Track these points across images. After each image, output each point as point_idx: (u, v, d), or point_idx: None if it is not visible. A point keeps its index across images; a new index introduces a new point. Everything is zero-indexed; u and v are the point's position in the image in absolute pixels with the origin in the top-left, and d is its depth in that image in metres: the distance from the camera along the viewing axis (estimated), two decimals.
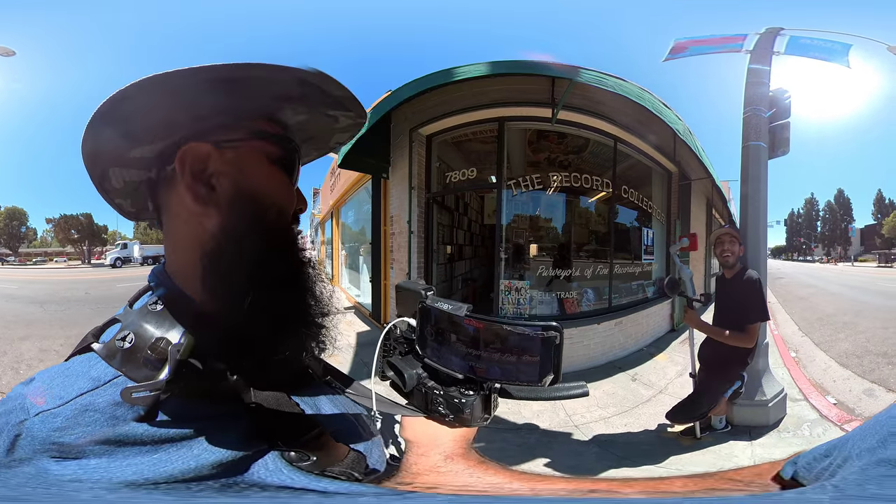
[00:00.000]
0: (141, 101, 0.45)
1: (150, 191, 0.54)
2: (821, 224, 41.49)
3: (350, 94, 0.53)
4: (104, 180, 0.54)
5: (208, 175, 0.50)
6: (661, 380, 4.10)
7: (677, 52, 4.12)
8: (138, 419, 0.42)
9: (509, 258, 4.77)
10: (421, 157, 5.19)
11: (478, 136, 5.11)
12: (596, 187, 5.13)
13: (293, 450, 0.47)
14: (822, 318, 7.63)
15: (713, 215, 8.81)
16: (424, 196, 5.25)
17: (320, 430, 0.52)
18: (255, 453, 0.45)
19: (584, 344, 4.42)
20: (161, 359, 0.44)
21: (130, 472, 0.40)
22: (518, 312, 4.45)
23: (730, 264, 2.71)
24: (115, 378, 0.44)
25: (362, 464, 0.54)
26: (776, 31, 3.94)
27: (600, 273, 5.10)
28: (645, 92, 4.16)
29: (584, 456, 2.80)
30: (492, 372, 0.52)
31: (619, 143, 5.07)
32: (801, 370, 4.55)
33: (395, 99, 4.52)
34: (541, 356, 0.49)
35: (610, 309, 4.92)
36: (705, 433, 2.94)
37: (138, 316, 0.48)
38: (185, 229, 0.51)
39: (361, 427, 0.62)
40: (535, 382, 0.50)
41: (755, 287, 2.56)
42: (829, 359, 4.99)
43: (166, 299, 0.49)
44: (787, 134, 3.42)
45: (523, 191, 4.81)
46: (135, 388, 0.42)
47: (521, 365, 0.50)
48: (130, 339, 0.46)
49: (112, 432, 0.41)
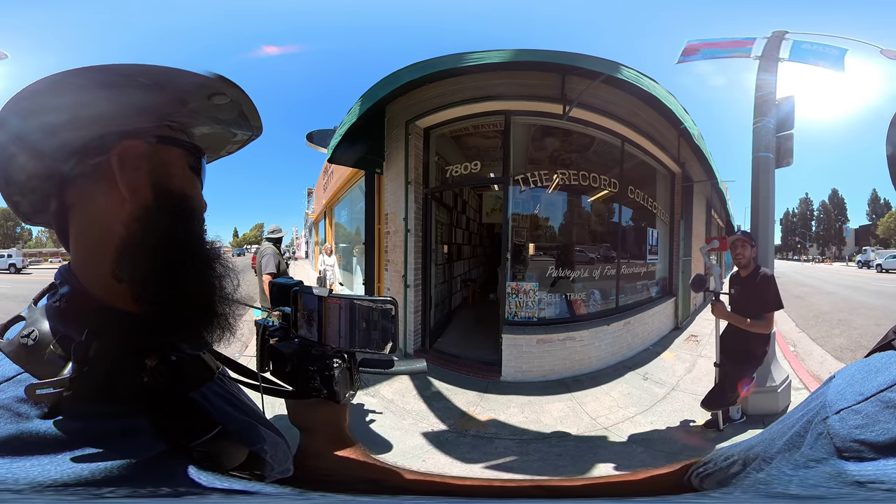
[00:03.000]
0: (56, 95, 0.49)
1: (60, 186, 0.54)
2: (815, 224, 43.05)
3: (260, 125, 0.64)
4: (7, 166, 0.55)
5: (143, 172, 0.54)
6: (672, 377, 4.35)
7: (689, 53, 4.37)
8: (42, 416, 0.43)
9: (521, 258, 4.88)
10: (418, 150, 5.22)
11: (479, 129, 5.17)
12: (602, 186, 5.30)
13: (196, 450, 0.49)
14: (818, 316, 8.09)
15: (712, 216, 9.17)
16: (422, 192, 5.28)
17: (221, 428, 0.54)
18: (161, 453, 0.47)
19: (596, 345, 4.63)
20: (64, 356, 0.46)
21: (37, 473, 0.41)
22: (527, 315, 4.61)
23: (742, 264, 3.15)
24: (19, 374, 0.46)
25: (263, 459, 0.59)
26: (782, 34, 4.22)
27: (607, 273, 5.32)
28: (671, 96, 4.41)
29: (636, 456, 3.03)
30: (350, 342, 0.65)
31: (625, 143, 5.27)
32: (801, 362, 4.96)
33: (394, 82, 4.52)
34: (382, 326, 0.62)
35: (618, 309, 5.15)
36: (726, 425, 3.27)
37: (42, 313, 0.51)
38: (101, 225, 0.53)
39: (257, 420, 0.66)
40: (381, 349, 0.62)
41: (770, 282, 3.03)
42: (825, 353, 5.45)
43: (70, 297, 0.52)
44: (791, 145, 3.79)
45: (531, 187, 4.91)
46: (39, 385, 0.43)
47: (369, 333, 0.63)
48: (34, 337, 0.48)
49: (16, 429, 0.42)
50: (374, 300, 0.62)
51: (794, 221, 45.03)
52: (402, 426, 3.37)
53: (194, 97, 0.56)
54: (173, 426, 0.49)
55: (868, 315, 7.99)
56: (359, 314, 0.63)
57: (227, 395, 0.65)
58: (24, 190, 0.57)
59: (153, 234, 0.53)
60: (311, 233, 15.62)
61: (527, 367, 4.29)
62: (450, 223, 6.82)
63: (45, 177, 0.55)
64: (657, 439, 3.24)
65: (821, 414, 0.41)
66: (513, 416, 3.57)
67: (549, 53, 4.09)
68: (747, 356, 3.10)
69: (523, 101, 4.61)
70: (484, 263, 8.79)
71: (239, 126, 0.64)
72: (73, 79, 0.48)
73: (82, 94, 0.50)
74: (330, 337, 0.65)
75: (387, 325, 0.62)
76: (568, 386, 4.13)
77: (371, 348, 0.63)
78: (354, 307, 0.63)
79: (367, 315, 0.63)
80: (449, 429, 3.38)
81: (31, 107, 0.49)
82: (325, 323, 0.66)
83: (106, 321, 0.50)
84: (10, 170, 0.55)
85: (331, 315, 0.65)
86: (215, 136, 0.65)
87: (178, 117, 0.59)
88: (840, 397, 0.41)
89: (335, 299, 0.65)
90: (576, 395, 3.92)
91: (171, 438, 0.48)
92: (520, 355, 4.31)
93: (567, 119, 4.53)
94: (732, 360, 3.17)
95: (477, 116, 4.95)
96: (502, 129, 4.83)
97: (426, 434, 3.27)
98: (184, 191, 0.58)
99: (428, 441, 3.17)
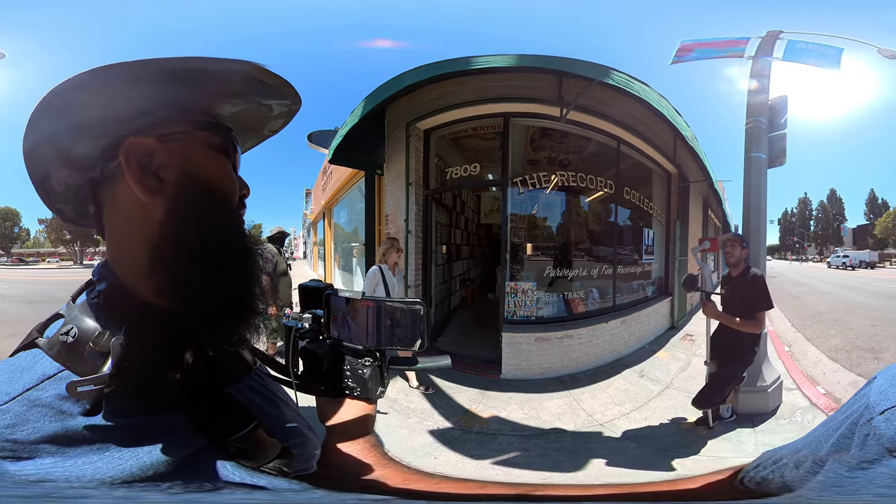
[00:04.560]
0: (82, 95, 0.50)
1: (93, 191, 0.57)
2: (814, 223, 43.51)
3: (283, 81, 0.59)
4: (46, 181, 0.58)
5: (155, 167, 0.54)
6: (666, 375, 4.56)
7: (683, 53, 4.49)
8: (84, 413, 0.45)
9: (518, 258, 5.07)
10: (419, 152, 5.37)
11: (478, 131, 5.35)
12: (598, 187, 5.50)
13: (233, 445, 0.51)
14: (815, 316, 8.09)
15: (709, 216, 9.39)
16: (423, 193, 5.43)
17: (256, 424, 0.56)
18: (202, 448, 0.49)
19: (594, 343, 4.84)
20: (104, 353, 0.47)
21: (88, 470, 0.43)
22: (525, 314, 4.81)
23: (731, 264, 3.31)
24: (60, 372, 0.47)
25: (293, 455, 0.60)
26: (776, 34, 4.27)
27: (604, 273, 5.53)
28: (663, 99, 4.60)
29: (627, 453, 3.21)
30: (380, 340, 0.68)
31: (621, 145, 5.49)
32: (795, 363, 5.12)
33: (397, 85, 4.67)
34: (412, 325, 0.65)
35: (615, 308, 5.35)
36: (716, 423, 3.42)
37: (80, 310, 0.52)
38: (131, 222, 0.55)
39: (291, 416, 0.68)
40: (410, 346, 0.66)
41: (760, 282, 3.17)
42: (819, 353, 5.52)
43: (108, 293, 0.53)
44: (784, 144, 3.91)
45: (529, 189, 5.11)
46: (80, 383, 0.44)
47: (399, 331, 0.66)
48: (73, 334, 0.49)
49: (61, 426, 0.44)
50: (404, 301, 0.66)
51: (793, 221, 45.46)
52: (408, 425, 3.54)
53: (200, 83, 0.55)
54: (211, 421, 0.51)
55: (865, 315, 7.96)
56: (387, 314, 0.67)
57: (264, 390, 0.67)
58: (65, 200, 0.61)
59: (180, 227, 0.54)
60: (310, 233, 15.69)
61: (526, 365, 4.48)
62: (449, 224, 6.97)
63: (79, 185, 0.58)
64: (650, 435, 3.43)
65: (865, 415, 0.42)
66: (513, 412, 3.75)
67: (546, 59, 4.29)
68: (737, 356, 3.25)
69: (522, 103, 4.78)
70: (482, 263, 8.93)
71: (267, 96, 0.61)
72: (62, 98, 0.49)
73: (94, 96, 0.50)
74: (361, 336, 0.69)
75: (416, 324, 0.65)
76: (565, 383, 4.32)
77: (401, 346, 0.67)
78: (383, 308, 0.67)
79: (395, 315, 0.66)
80: (454, 426, 3.55)
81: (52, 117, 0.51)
82: (356, 323, 0.69)
83: (143, 317, 0.51)
84: (48, 185, 0.58)
85: (360, 316, 0.69)
86: (247, 114, 0.63)
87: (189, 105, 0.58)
88: (883, 398, 0.42)
89: (365, 301, 0.68)
90: (573, 393, 4.11)
91: (209, 433, 0.50)
92: (519, 353, 4.50)
93: (565, 121, 4.72)
94: (723, 359, 3.32)
95: (477, 119, 5.12)
96: (500, 132, 5.03)
97: (432, 432, 3.43)
98: (205, 175, 0.57)
99: (435, 439, 3.32)
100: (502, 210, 5.12)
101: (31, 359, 0.49)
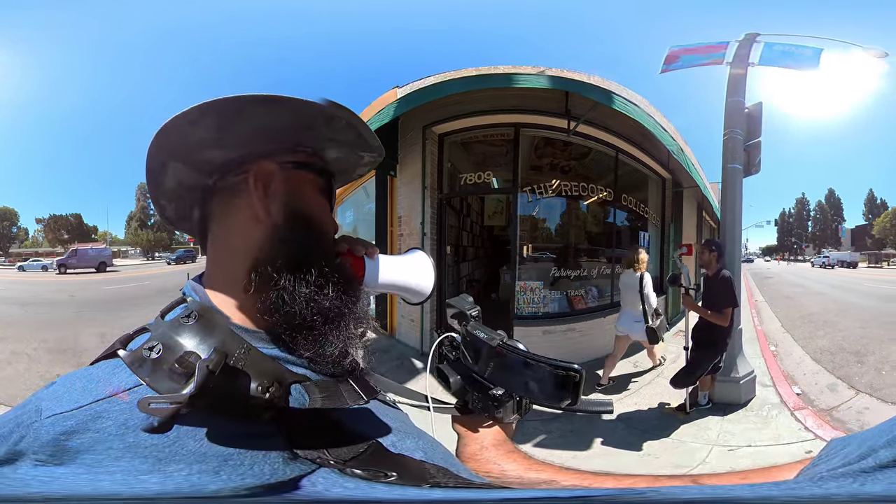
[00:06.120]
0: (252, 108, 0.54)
1: (204, 196, 0.61)
2: (811, 224, 44.22)
3: (380, 144, 0.66)
4: (160, 172, 0.60)
5: (275, 193, 0.58)
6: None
7: (671, 61, 4.88)
8: (150, 430, 0.44)
9: (525, 260, 5.60)
10: (434, 156, 5.68)
11: (487, 138, 5.75)
12: (598, 193, 6.07)
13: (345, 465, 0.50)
14: (805, 317, 8.56)
15: (703, 218, 9.96)
16: (437, 197, 5.72)
17: (373, 443, 0.55)
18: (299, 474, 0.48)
19: (594, 336, 5.46)
20: (188, 373, 0.46)
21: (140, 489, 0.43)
22: (533, 311, 5.40)
23: (703, 266, 3.98)
24: (136, 387, 0.47)
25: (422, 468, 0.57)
26: (753, 36, 4.49)
27: (603, 272, 6.13)
28: (651, 118, 5.14)
29: (618, 432, 3.72)
30: (519, 389, 0.66)
31: (619, 154, 6.07)
32: (777, 362, 5.51)
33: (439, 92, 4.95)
34: (560, 390, 0.61)
35: (612, 304, 5.90)
36: (692, 409, 3.97)
37: (169, 327, 0.51)
38: (239, 236, 0.58)
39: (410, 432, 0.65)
40: (555, 405, 0.63)
41: (728, 283, 3.73)
42: (804, 354, 5.87)
43: (200, 312, 0.53)
44: (759, 154, 4.28)
45: (538, 197, 5.61)
46: (154, 399, 0.43)
47: (544, 389, 0.63)
48: (158, 350, 0.48)
49: (121, 441, 0.44)
50: (556, 365, 0.61)
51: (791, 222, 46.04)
52: (440, 417, 4.00)
53: (316, 122, 0.59)
54: (312, 444, 0.50)
55: (856, 317, 8.30)
56: (535, 374, 0.63)
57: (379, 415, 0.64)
58: (171, 196, 0.63)
59: (288, 249, 0.57)
60: None
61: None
62: (458, 226, 7.35)
63: (191, 187, 0.61)
64: (637, 418, 3.96)
65: None
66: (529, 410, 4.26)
67: (563, 81, 4.83)
68: (710, 345, 3.81)
69: (531, 114, 5.28)
70: (486, 265, 9.19)
71: (361, 148, 0.67)
72: (218, 105, 0.53)
73: (225, 119, 0.54)
74: (500, 382, 0.67)
75: (565, 390, 0.61)
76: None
77: (545, 405, 0.65)
78: (530, 366, 0.63)
79: (543, 377, 0.62)
80: None
81: (184, 125, 0.54)
82: (496, 370, 0.68)
83: (236, 339, 0.52)
84: (162, 177, 0.60)
85: (502, 365, 0.67)
86: (345, 160, 0.69)
87: (309, 142, 0.63)
88: None
89: (507, 350, 0.66)
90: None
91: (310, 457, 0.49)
92: (528, 345, 5.03)
93: (572, 134, 5.26)
94: (697, 346, 3.89)
95: (489, 127, 5.57)
96: (509, 139, 5.50)
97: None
98: (313, 213, 0.62)
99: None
100: (513, 215, 5.62)
101: (110, 370, 0.50)
